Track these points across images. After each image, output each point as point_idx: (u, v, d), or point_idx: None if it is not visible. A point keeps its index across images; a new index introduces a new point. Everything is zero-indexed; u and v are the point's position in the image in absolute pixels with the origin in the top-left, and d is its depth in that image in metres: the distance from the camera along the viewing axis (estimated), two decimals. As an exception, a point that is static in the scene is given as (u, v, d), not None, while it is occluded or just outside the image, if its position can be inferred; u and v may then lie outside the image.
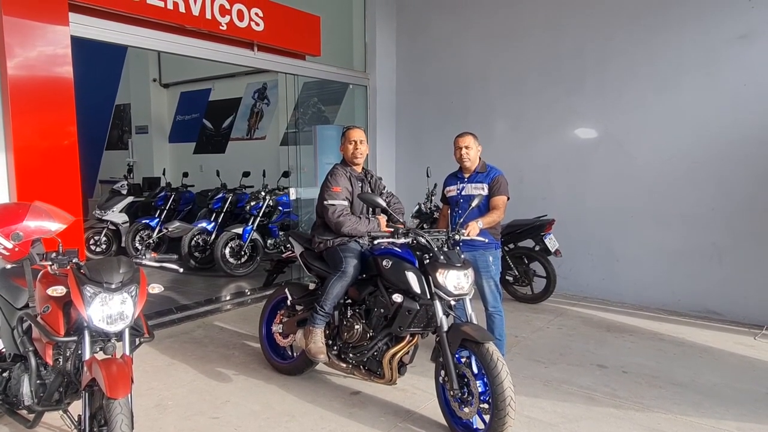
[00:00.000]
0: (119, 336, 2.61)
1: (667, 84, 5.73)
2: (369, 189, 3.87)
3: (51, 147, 4.22)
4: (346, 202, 3.67)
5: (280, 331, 4.00)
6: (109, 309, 2.48)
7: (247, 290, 6.69)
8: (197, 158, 10.69)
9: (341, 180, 3.72)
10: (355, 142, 3.81)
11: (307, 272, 3.99)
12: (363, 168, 3.98)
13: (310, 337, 3.52)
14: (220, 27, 5.27)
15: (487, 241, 3.77)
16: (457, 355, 3.12)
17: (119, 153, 11.71)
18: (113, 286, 2.51)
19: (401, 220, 3.52)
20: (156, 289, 2.79)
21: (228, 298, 6.47)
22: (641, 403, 3.64)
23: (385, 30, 7.57)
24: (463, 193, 4.15)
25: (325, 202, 3.66)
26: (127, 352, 2.61)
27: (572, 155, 6.41)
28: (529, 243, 6.07)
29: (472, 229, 3.62)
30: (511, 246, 6.09)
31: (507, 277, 6.13)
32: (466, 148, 4.07)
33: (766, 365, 4.34)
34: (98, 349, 2.59)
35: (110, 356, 2.54)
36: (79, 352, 2.60)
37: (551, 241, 5.89)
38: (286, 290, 3.98)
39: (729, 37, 5.36)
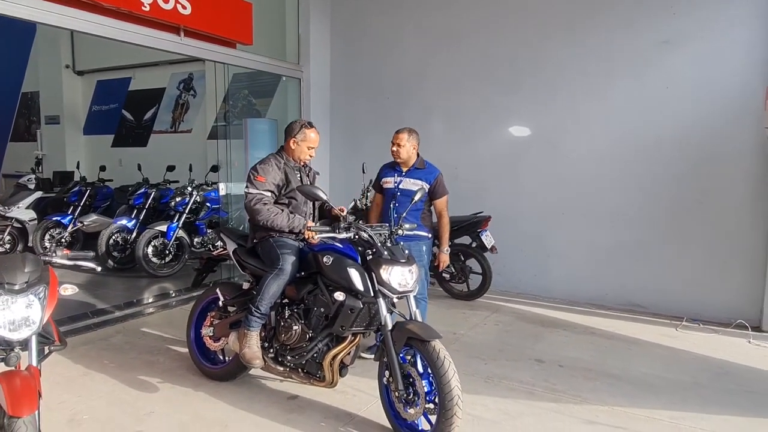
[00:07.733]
0: (24, 345, 2.30)
1: (597, 87, 5.91)
2: (309, 182, 3.69)
3: None
4: (268, 193, 3.48)
5: (211, 334, 3.73)
6: (12, 314, 2.18)
7: (172, 292, 6.27)
8: (116, 152, 10.00)
9: (270, 170, 3.53)
10: (314, 149, 3.68)
11: (241, 270, 3.74)
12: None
13: (244, 341, 3.28)
14: (143, 8, 4.87)
15: (429, 235, 3.85)
16: (401, 354, 3.00)
17: (26, 145, 10.76)
18: (16, 287, 2.20)
19: (342, 214, 3.36)
20: (69, 290, 2.49)
21: (150, 300, 6.03)
22: (579, 396, 3.68)
23: (320, 23, 7.34)
24: (400, 186, 4.13)
25: (245, 189, 3.49)
26: (34, 363, 2.30)
27: (507, 154, 6.48)
28: (465, 240, 6.08)
29: (443, 262, 4.31)
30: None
31: (444, 274, 6.11)
32: (398, 145, 4.10)
33: (689, 355, 4.54)
34: (-1, 361, 2.27)
35: (13, 368, 2.22)
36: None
37: (487, 238, 5.91)
38: (218, 290, 3.71)
39: (653, 43, 5.59)
